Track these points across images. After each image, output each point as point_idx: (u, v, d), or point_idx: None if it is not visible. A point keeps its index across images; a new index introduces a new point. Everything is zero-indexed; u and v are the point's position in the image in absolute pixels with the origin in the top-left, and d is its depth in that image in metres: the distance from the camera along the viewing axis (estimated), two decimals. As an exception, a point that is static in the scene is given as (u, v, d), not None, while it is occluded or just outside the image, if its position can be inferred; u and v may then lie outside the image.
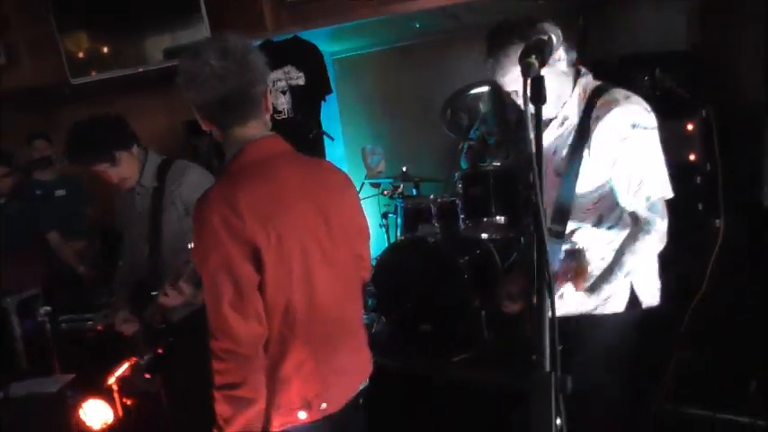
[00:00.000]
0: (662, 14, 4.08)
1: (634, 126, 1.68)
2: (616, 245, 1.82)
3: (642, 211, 1.74)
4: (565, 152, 1.81)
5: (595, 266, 1.84)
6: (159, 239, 2.40)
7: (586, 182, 1.79)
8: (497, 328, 3.60)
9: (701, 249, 2.79)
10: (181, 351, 2.48)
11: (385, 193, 4.38)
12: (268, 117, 1.64)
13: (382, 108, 5.07)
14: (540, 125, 1.16)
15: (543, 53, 1.19)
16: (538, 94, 1.16)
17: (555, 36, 1.27)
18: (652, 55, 3.44)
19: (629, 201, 1.75)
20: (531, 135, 1.10)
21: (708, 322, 2.84)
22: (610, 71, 3.45)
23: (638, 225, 1.76)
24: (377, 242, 4.77)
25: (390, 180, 4.30)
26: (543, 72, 1.67)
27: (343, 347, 1.66)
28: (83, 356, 3.72)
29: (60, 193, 4.36)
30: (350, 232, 1.69)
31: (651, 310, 1.92)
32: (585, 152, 1.75)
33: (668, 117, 3.15)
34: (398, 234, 4.24)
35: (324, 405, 1.59)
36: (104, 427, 3.21)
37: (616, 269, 1.78)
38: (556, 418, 1.01)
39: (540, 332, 1.05)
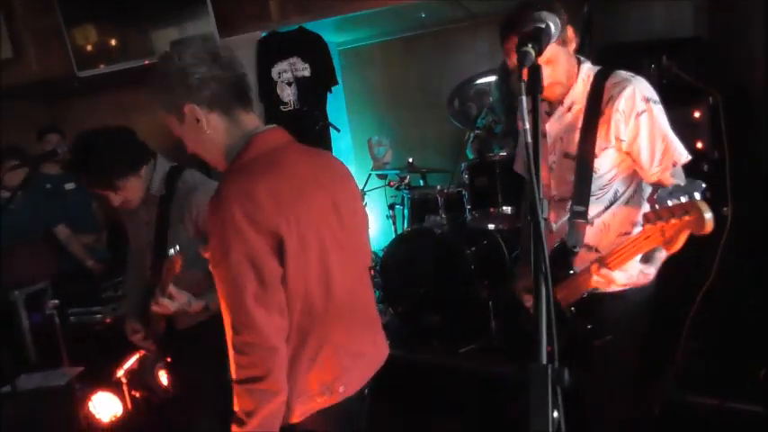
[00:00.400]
0: (669, 3, 4.03)
1: (648, 100, 1.76)
2: (635, 218, 1.87)
3: (668, 179, 1.79)
4: (575, 136, 1.84)
5: (618, 242, 1.81)
6: (164, 250, 2.27)
7: (603, 162, 1.83)
8: (504, 319, 3.59)
9: (708, 237, 2.77)
10: (184, 359, 2.48)
11: (391, 184, 4.38)
12: None
13: (388, 99, 5.06)
14: (538, 114, 1.15)
15: (540, 41, 1.18)
16: (535, 82, 1.15)
17: (552, 23, 1.25)
18: (658, 42, 3.40)
19: (655, 171, 1.79)
20: (527, 125, 1.08)
21: (716, 310, 2.82)
22: (615, 58, 3.43)
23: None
24: (384, 233, 4.77)
25: (397, 171, 4.29)
26: (558, 51, 1.76)
27: (359, 331, 1.68)
28: (91, 349, 3.75)
29: (69, 186, 4.38)
30: (355, 219, 1.71)
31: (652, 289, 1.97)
32: (601, 133, 1.80)
33: (675, 104, 3.10)
34: (405, 225, 4.24)
35: (342, 388, 1.61)
36: (113, 419, 3.24)
37: None
38: (553, 411, 1.01)
39: (537, 323, 1.04)
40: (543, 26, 1.23)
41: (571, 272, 1.89)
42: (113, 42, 4.48)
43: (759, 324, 2.75)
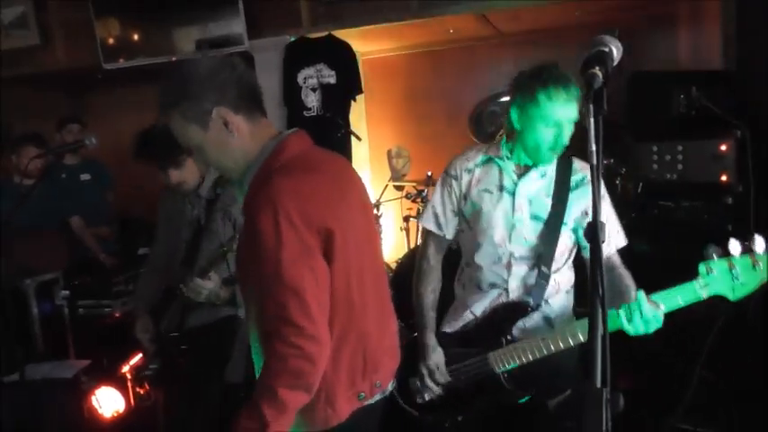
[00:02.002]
0: (698, 33, 4.05)
1: (604, 188, 1.97)
2: (573, 279, 2.09)
3: (614, 258, 1.99)
4: (548, 201, 1.97)
5: (564, 299, 2.07)
6: (198, 249, 2.44)
7: (571, 231, 1.98)
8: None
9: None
10: (195, 359, 2.52)
11: (407, 195, 4.38)
12: None
13: (410, 111, 5.07)
14: (600, 137, 1.14)
15: (606, 64, 1.17)
16: (601, 105, 1.15)
17: (615, 48, 1.25)
18: (688, 73, 3.42)
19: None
20: (593, 147, 1.08)
21: (734, 344, 2.80)
22: (645, 87, 3.44)
23: (614, 270, 1.96)
24: (397, 246, 4.76)
25: (414, 183, 4.29)
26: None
27: (388, 328, 1.72)
28: (99, 342, 3.74)
29: (85, 177, 4.38)
30: (372, 216, 1.82)
31: None
32: (577, 205, 1.96)
33: (702, 136, 3.16)
34: (419, 239, 4.22)
35: (378, 383, 1.63)
36: (115, 415, 3.22)
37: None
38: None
39: (593, 347, 1.03)
40: (607, 50, 1.22)
41: (511, 337, 1.98)
42: (137, 37, 4.50)
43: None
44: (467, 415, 2.04)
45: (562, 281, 2.03)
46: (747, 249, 1.69)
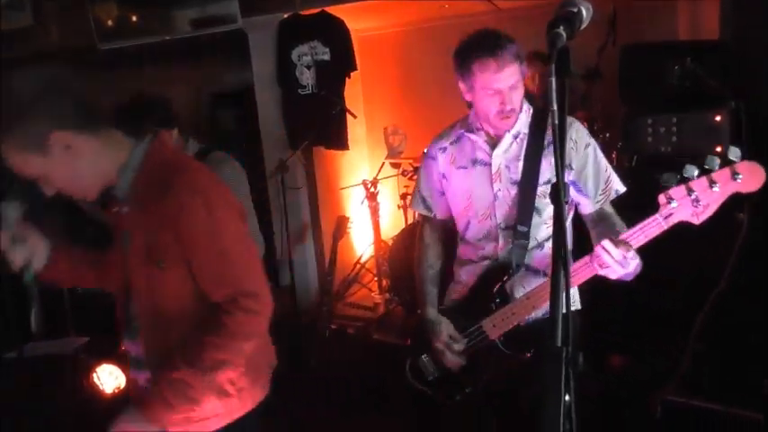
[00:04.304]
0: (695, 4, 3.99)
1: (589, 135, 1.96)
2: (570, 243, 1.97)
3: (608, 207, 1.95)
4: (519, 165, 1.93)
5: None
6: None
7: (547, 188, 1.92)
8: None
9: (721, 242, 2.75)
10: None
11: (404, 173, 4.37)
12: None
13: (405, 88, 5.04)
14: (566, 97, 1.14)
15: (572, 25, 1.16)
16: (565, 66, 1.14)
17: (585, 9, 1.23)
18: (683, 44, 3.38)
19: (599, 199, 1.94)
20: (555, 106, 1.08)
21: (726, 316, 2.80)
22: (639, 58, 3.41)
23: (608, 219, 1.94)
24: (395, 223, 4.77)
25: (410, 161, 4.28)
26: (521, 77, 1.85)
27: None
28: (98, 320, 3.77)
29: None
30: None
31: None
32: (544, 163, 1.91)
33: (697, 107, 3.13)
34: (416, 216, 4.23)
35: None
36: (116, 391, 3.26)
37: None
38: (565, 394, 1.00)
39: (554, 307, 1.03)
40: (575, 10, 1.21)
41: (499, 300, 1.95)
42: (135, 18, 4.49)
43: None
44: (475, 388, 2.02)
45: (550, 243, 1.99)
46: (704, 170, 1.63)
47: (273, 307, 1.56)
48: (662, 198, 1.68)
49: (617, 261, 1.70)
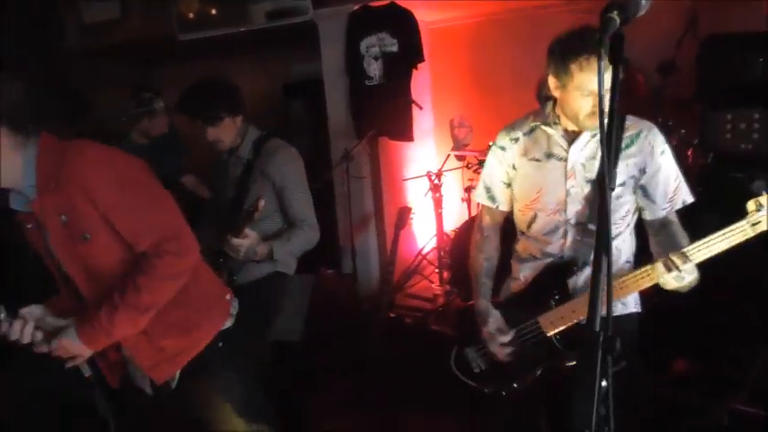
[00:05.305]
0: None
1: (665, 142, 1.93)
2: (634, 248, 2.02)
3: (672, 216, 1.94)
4: (595, 163, 1.89)
5: (624, 269, 1.96)
6: (242, 204, 2.54)
7: (626, 190, 1.91)
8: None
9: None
10: (240, 315, 2.61)
11: (468, 166, 4.36)
12: None
13: (475, 80, 5.00)
14: (617, 85, 1.13)
15: (627, 10, 1.14)
16: (618, 53, 1.13)
17: (643, -4, 1.21)
18: (766, 35, 3.20)
19: (666, 207, 1.93)
20: (603, 92, 1.07)
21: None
22: (719, 50, 3.26)
23: (670, 227, 1.92)
24: (458, 216, 4.76)
25: (475, 153, 4.25)
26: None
27: None
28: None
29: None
30: None
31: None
32: (627, 163, 1.89)
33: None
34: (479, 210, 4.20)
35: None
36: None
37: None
38: (602, 379, 1.00)
39: (594, 290, 1.03)
40: (633, -5, 1.19)
41: (559, 297, 1.93)
42: (213, 12, 4.67)
43: None
44: (523, 382, 2.00)
45: (624, 248, 1.98)
46: None
47: (199, 247, 1.85)
48: (751, 205, 1.66)
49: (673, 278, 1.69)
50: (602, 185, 1.09)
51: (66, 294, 1.91)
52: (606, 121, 1.10)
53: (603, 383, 1.00)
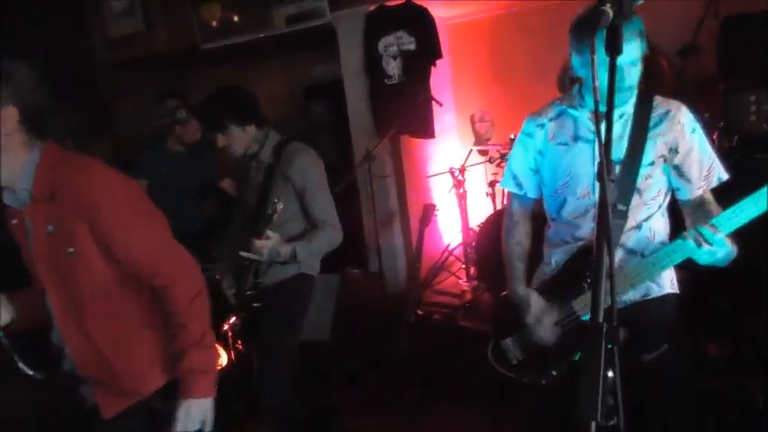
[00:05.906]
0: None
1: (696, 120, 1.93)
2: (669, 228, 1.99)
3: (707, 195, 1.93)
4: (623, 144, 1.89)
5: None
6: (263, 211, 2.58)
7: (657, 171, 1.90)
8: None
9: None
10: (266, 316, 2.66)
11: (491, 160, 4.35)
12: None
13: (495, 75, 4.98)
14: (615, 74, 1.13)
15: (621, 1, 1.14)
16: (614, 43, 1.13)
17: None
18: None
19: (701, 185, 1.92)
20: (597, 83, 1.08)
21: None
22: (742, 31, 3.20)
23: (706, 206, 1.92)
24: (482, 211, 4.75)
25: (497, 147, 4.25)
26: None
27: None
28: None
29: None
30: None
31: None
32: (656, 142, 1.88)
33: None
34: (504, 203, 4.20)
35: None
36: (219, 368, 3.49)
37: None
38: (607, 370, 1.01)
39: (596, 281, 1.04)
40: (627, -14, 1.19)
41: (589, 281, 1.89)
42: (235, 18, 4.75)
43: None
44: (561, 370, 1.96)
45: (657, 229, 1.95)
46: None
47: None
48: None
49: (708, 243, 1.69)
50: (601, 177, 1.09)
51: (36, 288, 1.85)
52: (605, 122, 1.11)
53: (610, 374, 1.00)
